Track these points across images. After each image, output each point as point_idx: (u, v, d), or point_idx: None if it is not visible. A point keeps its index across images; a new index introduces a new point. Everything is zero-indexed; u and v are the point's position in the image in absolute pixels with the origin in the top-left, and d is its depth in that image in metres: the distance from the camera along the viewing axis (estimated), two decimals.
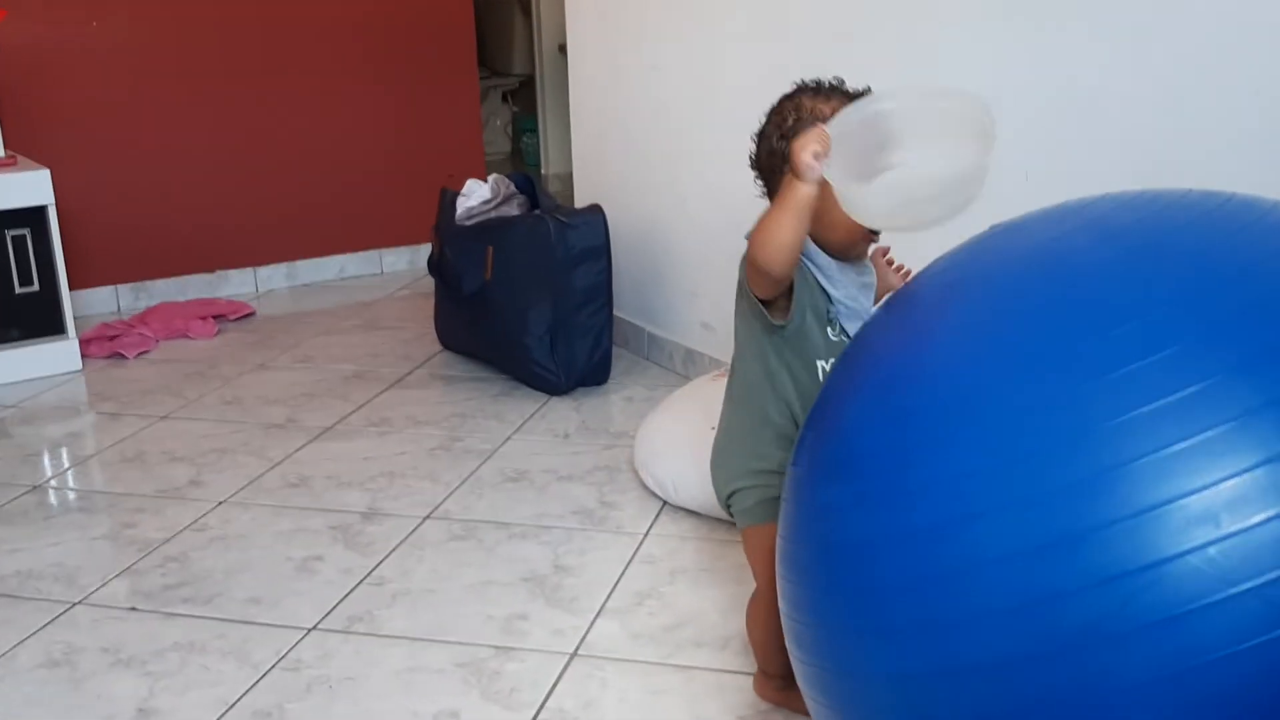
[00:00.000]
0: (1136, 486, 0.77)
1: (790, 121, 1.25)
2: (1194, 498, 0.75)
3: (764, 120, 1.29)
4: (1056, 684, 0.78)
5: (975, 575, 0.82)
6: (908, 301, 1.05)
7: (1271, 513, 0.74)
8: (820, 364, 1.27)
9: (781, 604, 1.05)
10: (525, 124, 5.68)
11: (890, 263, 1.40)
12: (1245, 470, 0.75)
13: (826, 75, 1.29)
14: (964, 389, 0.89)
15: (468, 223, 2.72)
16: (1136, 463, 0.77)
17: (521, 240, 2.54)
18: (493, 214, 2.74)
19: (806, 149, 1.08)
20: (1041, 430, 0.82)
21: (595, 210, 2.60)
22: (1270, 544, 0.74)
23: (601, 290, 2.58)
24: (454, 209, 2.75)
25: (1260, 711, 0.74)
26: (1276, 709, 0.74)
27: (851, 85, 1.28)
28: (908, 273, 1.35)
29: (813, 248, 1.27)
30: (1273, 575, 0.73)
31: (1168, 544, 0.75)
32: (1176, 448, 0.77)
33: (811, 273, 1.26)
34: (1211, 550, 0.74)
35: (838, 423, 1.00)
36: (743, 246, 1.25)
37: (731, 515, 1.39)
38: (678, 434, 1.98)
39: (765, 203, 1.33)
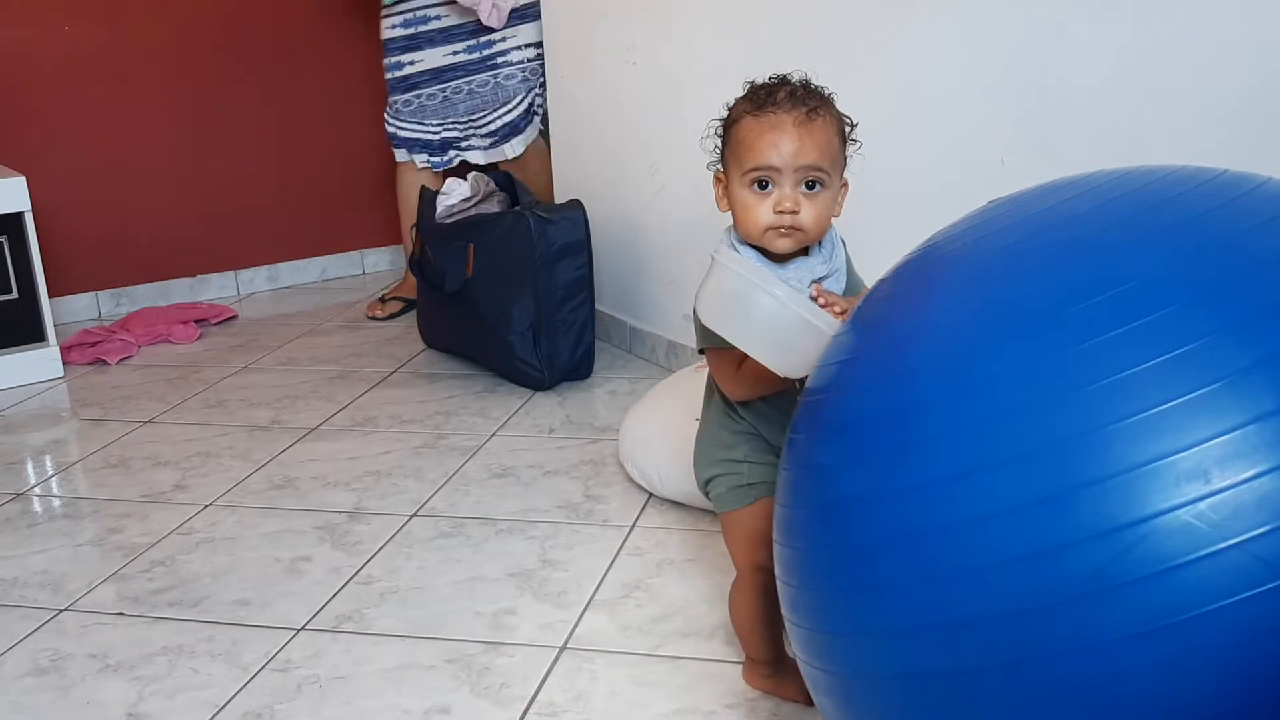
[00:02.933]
0: (1129, 443, 0.79)
1: (719, 124, 1.28)
2: (1185, 454, 0.77)
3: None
4: (1052, 637, 0.80)
5: (970, 530, 0.83)
6: (906, 274, 1.07)
7: (1259, 469, 0.76)
8: None
9: (778, 570, 1.07)
10: None
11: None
12: (1235, 428, 0.77)
13: (803, 63, 1.30)
14: (961, 351, 0.90)
15: (448, 221, 2.72)
16: (1129, 420, 0.79)
17: (503, 237, 2.54)
18: (473, 212, 2.73)
19: None
20: (1036, 388, 0.84)
21: (575, 205, 2.60)
22: (1258, 500, 0.75)
23: (583, 285, 2.58)
24: (434, 207, 2.75)
25: (1249, 664, 0.76)
26: (1265, 662, 0.76)
27: (797, 76, 1.27)
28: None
29: (753, 260, 1.25)
30: (1260, 530, 0.75)
31: (1160, 499, 0.77)
32: (1168, 405, 0.79)
33: None
34: (1202, 505, 0.76)
35: (837, 386, 1.01)
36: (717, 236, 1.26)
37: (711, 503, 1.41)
38: (662, 426, 1.99)
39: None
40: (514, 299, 2.53)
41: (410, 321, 3.02)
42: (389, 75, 3.10)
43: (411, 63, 3.04)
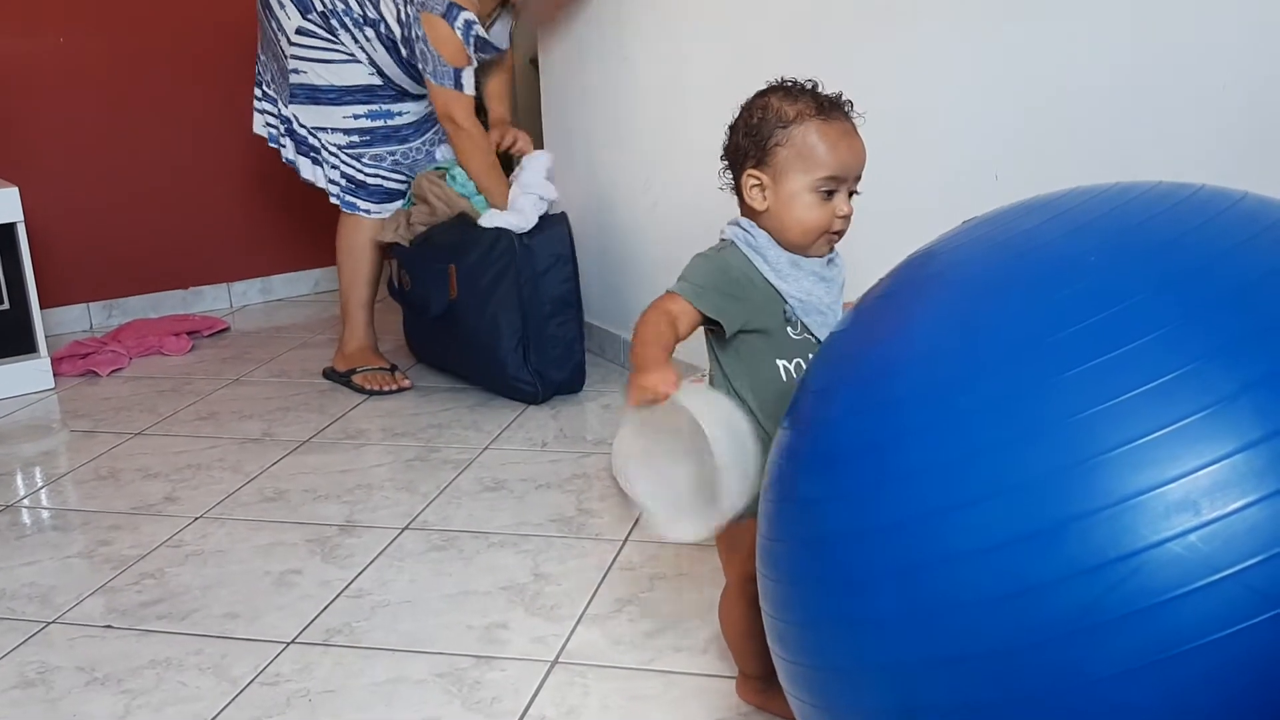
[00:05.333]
0: (1116, 475, 0.78)
1: (755, 119, 1.26)
2: (1174, 485, 0.76)
3: (736, 113, 1.30)
4: (1044, 673, 0.79)
5: (957, 566, 0.82)
6: (886, 296, 1.06)
7: (1249, 499, 0.75)
8: (782, 364, 1.27)
9: (763, 604, 1.05)
10: None
11: None
12: (1224, 457, 0.76)
13: (800, 75, 1.31)
14: (942, 381, 0.89)
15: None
16: (1116, 451, 0.78)
17: (484, 256, 2.51)
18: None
19: (648, 382, 1.14)
20: (1019, 420, 0.83)
21: (558, 219, 2.59)
22: (1249, 530, 0.75)
23: (570, 298, 2.57)
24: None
25: (1243, 697, 0.75)
26: (1259, 694, 0.75)
27: (825, 89, 1.29)
28: None
29: (765, 242, 1.27)
30: (1252, 561, 0.74)
31: (1149, 531, 0.76)
32: (1155, 435, 0.78)
33: (761, 271, 1.26)
34: (1193, 537, 0.75)
35: (819, 417, 1.00)
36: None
37: None
38: None
39: (729, 199, 1.34)
40: (501, 317, 2.51)
41: (401, 335, 3.01)
42: (375, 124, 2.70)
43: (401, 113, 2.72)
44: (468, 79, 2.55)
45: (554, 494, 2.09)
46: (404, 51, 2.58)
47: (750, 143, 1.26)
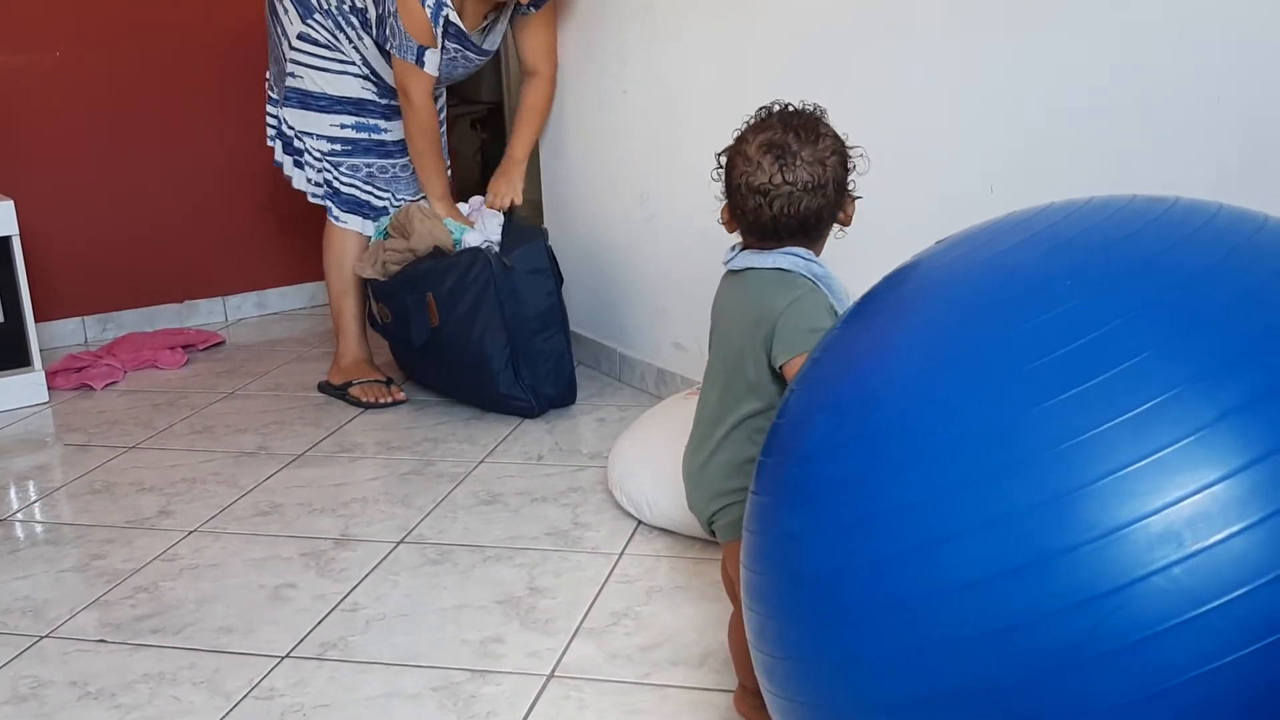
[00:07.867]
0: (1099, 507, 0.77)
1: (844, 148, 1.28)
2: (1155, 517, 0.75)
3: (833, 151, 1.26)
4: (1032, 709, 0.78)
5: (946, 601, 0.81)
6: (861, 322, 1.04)
7: (1231, 529, 0.74)
8: None
9: (749, 636, 1.03)
10: (494, 151, 5.67)
11: None
12: (1205, 487, 0.75)
13: (794, 92, 1.31)
14: (922, 413, 0.88)
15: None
16: (1098, 483, 0.77)
17: (461, 278, 2.50)
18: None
19: None
20: (1002, 452, 0.82)
21: (535, 234, 2.59)
22: (1232, 561, 0.74)
23: (555, 312, 2.56)
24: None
25: None
26: None
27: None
28: None
29: (823, 271, 1.27)
30: (1237, 593, 0.73)
31: (1133, 565, 0.75)
32: (1136, 466, 0.77)
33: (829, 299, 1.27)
34: (1176, 570, 0.74)
35: (799, 448, 0.98)
36: (710, 263, 1.26)
37: (713, 533, 1.38)
38: (651, 453, 1.98)
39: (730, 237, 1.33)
40: (487, 338, 2.49)
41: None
42: (359, 135, 2.72)
43: (388, 129, 2.74)
44: (430, 60, 2.56)
45: (550, 507, 2.09)
46: (375, 32, 2.60)
47: (845, 175, 1.28)
